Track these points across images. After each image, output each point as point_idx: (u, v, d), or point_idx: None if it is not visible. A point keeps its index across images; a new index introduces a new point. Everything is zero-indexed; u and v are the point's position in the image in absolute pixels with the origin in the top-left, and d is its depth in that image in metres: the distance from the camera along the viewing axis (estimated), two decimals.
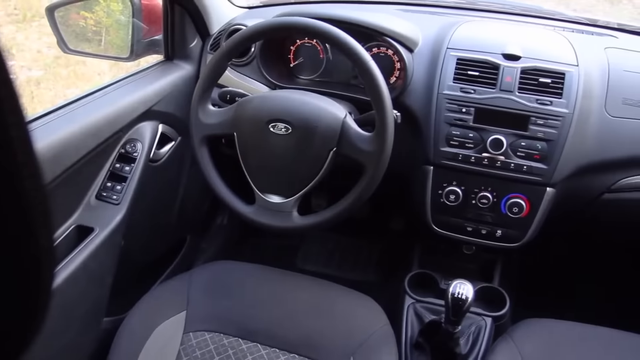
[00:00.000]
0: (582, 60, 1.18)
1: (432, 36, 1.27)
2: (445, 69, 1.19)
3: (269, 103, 1.07)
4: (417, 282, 1.36)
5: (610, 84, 1.18)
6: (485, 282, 1.36)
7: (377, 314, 1.12)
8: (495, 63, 1.16)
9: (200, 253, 1.74)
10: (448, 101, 1.17)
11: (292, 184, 1.07)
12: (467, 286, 1.06)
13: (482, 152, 1.15)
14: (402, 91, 1.22)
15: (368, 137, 1.03)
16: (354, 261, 1.88)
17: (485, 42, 1.22)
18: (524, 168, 1.14)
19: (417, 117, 1.21)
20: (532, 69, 1.15)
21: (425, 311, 1.29)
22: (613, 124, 1.16)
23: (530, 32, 1.30)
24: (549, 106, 1.13)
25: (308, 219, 1.08)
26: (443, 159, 1.18)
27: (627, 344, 1.07)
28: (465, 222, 1.23)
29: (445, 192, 1.20)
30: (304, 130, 1.03)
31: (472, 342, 1.23)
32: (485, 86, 1.16)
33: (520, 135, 1.14)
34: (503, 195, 1.18)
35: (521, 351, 1.03)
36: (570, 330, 1.10)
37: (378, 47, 1.29)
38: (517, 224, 1.20)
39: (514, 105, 1.14)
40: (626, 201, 1.21)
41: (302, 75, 1.38)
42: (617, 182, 1.19)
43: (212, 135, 1.12)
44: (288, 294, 1.14)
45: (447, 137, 1.17)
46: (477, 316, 1.27)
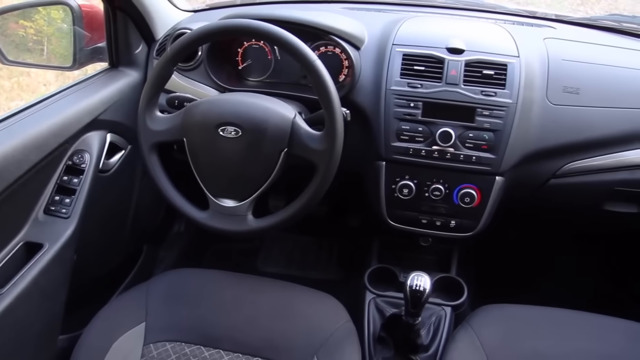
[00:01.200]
0: (523, 51, 1.21)
1: (378, 33, 1.28)
2: (391, 65, 1.20)
3: (217, 107, 1.06)
4: (377, 277, 1.37)
5: (550, 73, 1.22)
6: (443, 272, 1.39)
7: (339, 311, 1.12)
8: (440, 57, 1.19)
9: (158, 262, 1.71)
10: (396, 97, 1.18)
11: (245, 187, 1.07)
12: (424, 278, 1.07)
13: (432, 145, 1.17)
14: (351, 89, 1.23)
15: (318, 136, 1.03)
16: (314, 260, 1.88)
17: (430, 37, 1.24)
18: (473, 159, 1.17)
19: (367, 114, 1.22)
20: (475, 62, 1.18)
21: (387, 305, 1.31)
22: (555, 111, 1.20)
23: (472, 26, 1.34)
24: (494, 97, 1.16)
25: (263, 221, 1.08)
26: (394, 154, 1.20)
27: (579, 322, 1.11)
28: (420, 215, 1.25)
29: (398, 186, 1.22)
30: (253, 133, 1.03)
31: (433, 332, 1.25)
32: (432, 80, 1.18)
33: (467, 127, 1.17)
34: (455, 186, 1.20)
35: (480, 337, 1.05)
36: (526, 313, 1.13)
37: (325, 46, 1.29)
38: (469, 214, 1.22)
39: (460, 98, 1.16)
40: (571, 185, 1.25)
41: (251, 77, 1.37)
42: (561, 167, 1.23)
43: (161, 142, 1.10)
44: (249, 297, 1.14)
45: (397, 132, 1.19)
46: (436, 306, 1.29)
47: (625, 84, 1.23)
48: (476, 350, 1.03)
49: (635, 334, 1.09)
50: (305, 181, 1.06)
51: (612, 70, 1.25)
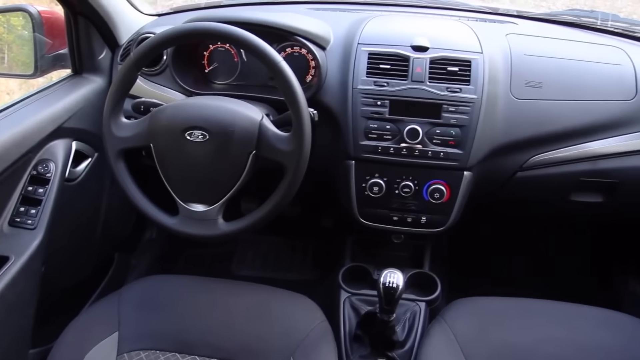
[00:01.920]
0: (486, 47, 1.23)
1: (343, 33, 1.29)
2: (357, 64, 1.21)
3: (183, 111, 1.05)
4: (351, 275, 1.37)
5: (513, 68, 1.24)
6: (416, 268, 1.40)
7: (314, 312, 1.12)
8: (405, 55, 1.20)
9: (131, 270, 1.69)
10: (363, 95, 1.19)
11: (214, 190, 1.06)
12: (397, 274, 1.08)
13: (400, 143, 1.18)
14: (318, 89, 1.23)
15: (286, 137, 1.03)
16: (289, 262, 1.88)
17: (395, 35, 1.26)
18: (441, 154, 1.18)
19: (335, 114, 1.22)
20: (440, 59, 1.20)
21: (361, 303, 1.31)
22: (519, 105, 1.22)
23: (436, 24, 1.35)
24: (459, 93, 1.17)
25: (234, 224, 1.07)
26: (363, 152, 1.20)
27: (549, 311, 1.14)
28: (391, 212, 1.26)
29: (368, 184, 1.22)
30: (221, 136, 1.02)
31: (408, 328, 1.26)
32: (398, 78, 1.19)
33: (434, 124, 1.18)
34: (424, 182, 1.22)
35: (454, 331, 1.07)
36: (498, 305, 1.15)
37: (291, 47, 1.30)
38: (439, 209, 1.24)
39: (426, 95, 1.18)
40: (538, 177, 1.28)
41: (218, 80, 1.36)
42: (527, 160, 1.26)
43: (127, 149, 1.08)
44: (223, 302, 1.13)
45: (365, 130, 1.20)
46: (411, 302, 1.30)
47: (585, 77, 1.26)
48: (450, 344, 1.04)
49: (603, 319, 1.12)
50: (277, 183, 1.06)
51: (572, 64, 1.28)
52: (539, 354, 1.02)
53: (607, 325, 1.10)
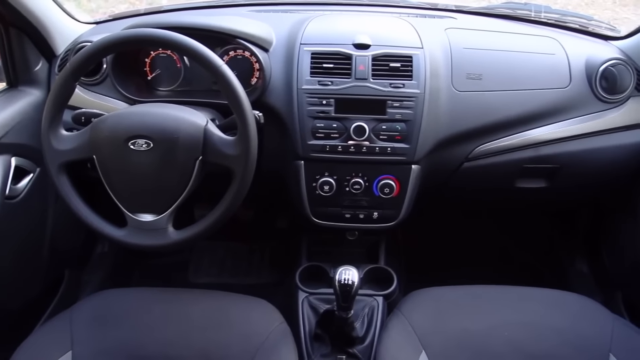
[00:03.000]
0: (426, 42, 1.26)
1: (285, 34, 1.29)
2: (301, 65, 1.21)
3: (125, 120, 1.03)
4: (309, 275, 1.38)
5: (453, 62, 1.27)
6: (372, 263, 1.41)
7: (272, 314, 1.12)
8: (348, 53, 1.21)
9: (83, 286, 1.64)
10: (308, 95, 1.20)
11: (162, 199, 1.04)
12: (351, 271, 1.09)
13: (348, 140, 1.19)
14: (263, 91, 1.23)
15: (232, 141, 1.02)
16: (247, 266, 1.87)
17: (336, 34, 1.27)
18: (388, 150, 1.20)
19: (281, 115, 1.22)
20: (382, 56, 1.21)
21: (320, 302, 1.31)
22: (461, 98, 1.25)
23: (377, 21, 1.37)
24: (402, 89, 1.19)
25: (185, 232, 1.06)
26: (312, 152, 1.21)
27: (501, 296, 1.17)
28: (343, 210, 1.27)
29: (319, 183, 1.23)
30: (165, 144, 1.00)
31: (367, 323, 1.27)
32: (341, 77, 1.20)
33: (380, 120, 1.19)
34: (373, 178, 1.23)
35: (411, 322, 1.08)
36: (453, 293, 1.17)
37: (234, 50, 1.29)
38: (390, 204, 1.25)
39: (370, 92, 1.19)
40: (483, 167, 1.31)
41: (162, 87, 1.34)
42: (472, 150, 1.29)
43: (69, 162, 1.05)
44: (180, 312, 1.11)
45: (312, 130, 1.20)
46: (368, 297, 1.32)
47: (522, 67, 1.30)
48: (408, 335, 1.06)
49: (553, 300, 1.15)
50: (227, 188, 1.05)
51: (509, 55, 1.32)
52: (493, 338, 1.05)
53: (557, 305, 1.14)
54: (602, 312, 1.12)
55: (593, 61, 1.30)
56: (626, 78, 1.28)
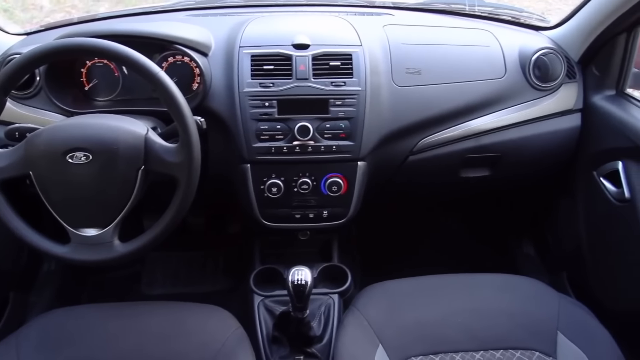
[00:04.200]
0: (365, 39, 1.27)
1: (224, 37, 1.28)
2: (241, 68, 1.21)
3: (62, 133, 1.00)
4: (263, 278, 1.37)
5: (392, 58, 1.29)
6: (326, 262, 1.42)
7: (227, 321, 1.11)
8: (287, 54, 1.21)
9: (30, 308, 1.58)
10: (250, 98, 1.19)
11: (105, 212, 1.01)
12: (304, 271, 1.09)
13: (293, 141, 1.20)
14: (205, 96, 1.21)
15: (174, 148, 1.01)
16: (201, 274, 1.84)
17: (275, 35, 1.26)
18: (334, 148, 1.21)
19: (224, 119, 1.21)
20: (322, 55, 1.22)
21: (276, 304, 1.31)
22: (402, 93, 1.27)
23: (315, 21, 1.38)
24: (344, 87, 1.20)
25: (132, 244, 1.03)
26: (257, 154, 1.20)
27: (454, 285, 1.19)
28: (293, 211, 1.27)
29: (267, 186, 1.22)
30: (105, 155, 0.98)
31: (324, 322, 1.28)
32: (283, 78, 1.20)
33: (323, 119, 1.20)
34: (321, 177, 1.24)
35: (367, 317, 1.09)
36: (406, 285, 1.19)
37: (173, 56, 1.27)
38: (339, 202, 1.26)
39: (311, 92, 1.20)
40: (428, 159, 1.34)
41: (100, 97, 1.30)
42: (416, 144, 1.32)
43: (4, 180, 1.01)
44: (134, 326, 1.08)
45: (256, 133, 1.20)
46: (324, 296, 1.32)
47: (459, 60, 1.33)
48: (365, 330, 1.07)
49: (503, 284, 1.19)
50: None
51: (446, 49, 1.35)
52: (447, 326, 1.07)
53: (506, 289, 1.17)
54: (549, 292, 1.16)
55: (526, 51, 1.35)
56: (557, 66, 1.33)
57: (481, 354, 1.03)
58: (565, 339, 1.04)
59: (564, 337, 1.04)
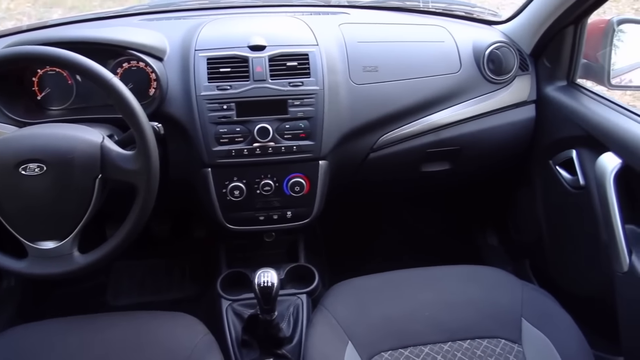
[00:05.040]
0: (321, 39, 1.28)
1: (179, 41, 1.27)
2: (197, 71, 1.20)
3: (13, 144, 0.97)
4: (231, 282, 1.36)
5: (349, 56, 1.30)
6: (293, 262, 1.42)
7: (195, 327, 1.09)
8: (244, 56, 1.21)
9: None
10: (208, 102, 1.18)
11: (63, 224, 0.99)
12: (270, 273, 1.09)
13: (253, 143, 1.19)
14: (162, 101, 1.20)
15: (131, 155, 0.99)
16: (168, 281, 1.82)
17: (231, 38, 1.26)
18: (294, 148, 1.21)
19: (183, 123, 1.20)
20: (278, 56, 1.22)
21: (244, 308, 1.30)
22: (360, 90, 1.28)
23: (271, 22, 1.38)
24: (302, 86, 1.20)
25: (92, 255, 1.01)
26: (218, 158, 1.19)
27: (420, 278, 1.21)
28: (256, 213, 1.26)
29: (229, 189, 1.22)
30: (60, 166, 0.95)
31: (294, 322, 1.28)
32: (240, 80, 1.19)
33: (283, 119, 1.20)
34: (283, 178, 1.24)
35: (335, 315, 1.10)
36: (374, 281, 1.20)
37: (128, 61, 1.25)
38: (302, 202, 1.26)
39: (269, 93, 1.19)
40: (389, 156, 1.36)
41: (54, 106, 1.27)
42: (377, 141, 1.33)
43: None
44: (99, 338, 1.06)
45: (215, 136, 1.19)
46: (292, 297, 1.32)
47: (415, 56, 1.35)
48: (333, 329, 1.07)
49: (468, 275, 1.21)
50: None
51: (402, 46, 1.37)
52: (415, 320, 1.09)
53: (472, 279, 1.20)
54: (512, 281, 1.19)
55: (479, 46, 1.37)
56: (510, 59, 1.36)
57: (449, 345, 1.04)
58: (530, 325, 1.07)
59: (528, 324, 1.07)
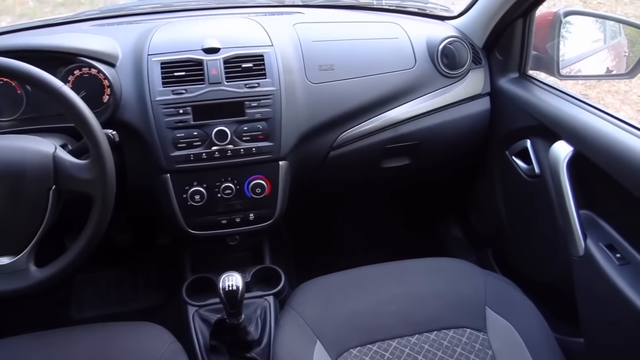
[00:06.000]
0: (276, 39, 1.27)
1: (131, 46, 1.25)
2: (151, 76, 1.18)
3: None
4: (197, 288, 1.35)
5: (304, 56, 1.30)
6: (259, 264, 1.41)
7: (161, 336, 1.08)
8: (198, 59, 1.19)
9: None
10: (163, 107, 1.16)
11: (17, 238, 0.96)
12: (234, 276, 1.08)
13: (211, 147, 1.18)
14: (116, 108, 1.18)
15: (86, 164, 0.97)
16: (133, 291, 1.78)
17: (184, 41, 1.24)
18: (253, 150, 1.20)
19: (139, 130, 1.18)
20: (233, 58, 1.21)
21: (211, 313, 1.29)
22: (317, 89, 1.28)
23: (225, 24, 1.36)
24: (258, 88, 1.20)
25: (49, 269, 0.99)
26: (176, 163, 1.18)
27: (386, 273, 1.22)
28: (218, 217, 1.25)
29: (189, 194, 1.20)
30: (10, 179, 0.93)
31: (262, 325, 1.27)
32: (195, 83, 1.18)
33: (240, 121, 1.19)
34: (243, 180, 1.23)
35: (302, 315, 1.10)
36: (339, 279, 1.21)
37: (79, 69, 1.21)
38: (264, 203, 1.26)
39: (226, 95, 1.18)
40: (349, 153, 1.36)
41: (3, 117, 1.22)
42: (336, 139, 1.34)
43: None
44: (62, 353, 1.03)
45: (173, 141, 1.17)
46: (259, 299, 1.31)
47: (370, 53, 1.36)
48: (301, 328, 1.07)
49: (432, 267, 1.23)
50: None
51: (357, 44, 1.38)
52: (382, 314, 1.10)
53: (436, 272, 1.22)
54: (475, 270, 1.21)
55: (433, 41, 1.39)
56: (463, 53, 1.39)
57: (416, 337, 1.06)
58: (494, 313, 1.09)
59: (492, 312, 1.10)
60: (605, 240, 1.08)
